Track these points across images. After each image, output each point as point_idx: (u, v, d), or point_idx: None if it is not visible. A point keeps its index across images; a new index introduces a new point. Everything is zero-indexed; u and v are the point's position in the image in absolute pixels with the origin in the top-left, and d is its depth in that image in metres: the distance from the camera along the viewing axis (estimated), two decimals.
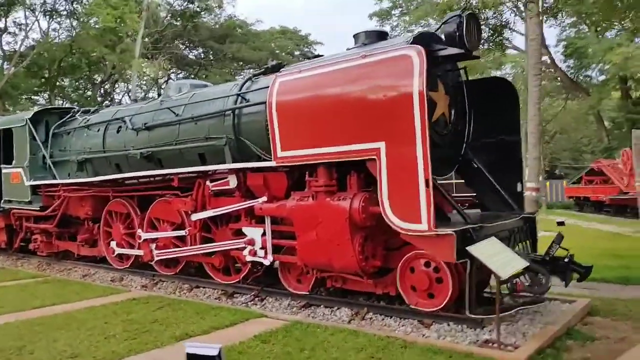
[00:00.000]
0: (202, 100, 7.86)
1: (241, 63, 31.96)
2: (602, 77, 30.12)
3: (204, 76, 32.55)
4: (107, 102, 28.67)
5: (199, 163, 7.81)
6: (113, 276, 9.37)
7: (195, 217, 7.59)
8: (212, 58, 30.43)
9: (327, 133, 5.64)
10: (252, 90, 7.16)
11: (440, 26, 5.89)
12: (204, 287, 7.98)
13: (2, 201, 11.61)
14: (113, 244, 9.41)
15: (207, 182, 7.47)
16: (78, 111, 10.99)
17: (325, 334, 5.20)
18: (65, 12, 23.92)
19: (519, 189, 6.63)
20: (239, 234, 7.39)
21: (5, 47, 24.93)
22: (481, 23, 6.77)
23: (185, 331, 5.42)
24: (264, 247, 6.79)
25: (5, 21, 24.26)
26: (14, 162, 11.14)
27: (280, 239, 6.75)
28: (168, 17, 27.36)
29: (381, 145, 5.15)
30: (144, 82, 32.55)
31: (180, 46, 32.52)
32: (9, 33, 25.23)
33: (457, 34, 5.69)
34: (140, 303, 6.97)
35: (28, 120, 10.60)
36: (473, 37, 5.83)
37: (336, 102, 5.54)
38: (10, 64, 22.24)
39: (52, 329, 5.69)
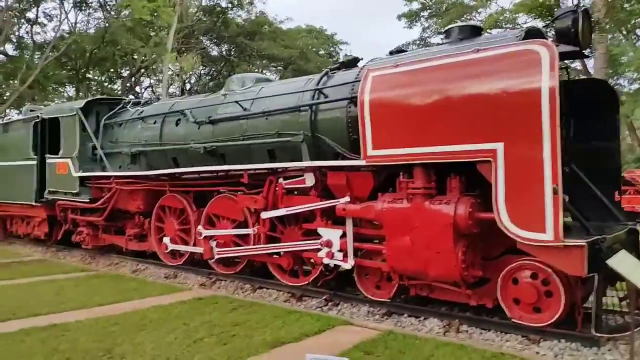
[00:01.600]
0: (273, 94, 7.54)
1: (264, 61, 31.65)
2: (636, 86, 29.50)
3: (227, 72, 32.35)
4: (131, 96, 28.54)
5: (267, 159, 7.50)
6: (166, 273, 9.07)
7: (265, 215, 7.26)
8: (238, 54, 30.10)
9: (429, 132, 5.28)
10: (331, 86, 6.82)
11: (552, 22, 5.52)
12: (267, 289, 7.66)
13: (46, 192, 11.37)
14: (166, 239, 9.11)
15: (280, 180, 7.14)
16: (129, 102, 10.72)
17: (429, 347, 4.83)
18: (96, 4, 23.81)
19: (616, 198, 6.24)
20: (310, 234, 7.07)
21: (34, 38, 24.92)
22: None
23: (276, 337, 5.09)
24: (342, 250, 6.44)
25: (37, 11, 24.18)
26: (60, 152, 10.89)
27: (357, 241, 6.41)
28: (199, 14, 27.14)
29: (498, 146, 4.78)
30: (167, 77, 32.39)
31: (206, 42, 32.37)
32: (39, 24, 25.19)
33: (572, 30, 5.31)
34: (210, 304, 6.64)
35: (79, 110, 10.34)
36: (587, 35, 5.46)
37: (442, 98, 5.18)
38: (43, 54, 22.07)
39: (130, 329, 5.38)
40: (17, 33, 22.92)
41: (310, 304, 6.84)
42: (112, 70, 28.95)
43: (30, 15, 24.09)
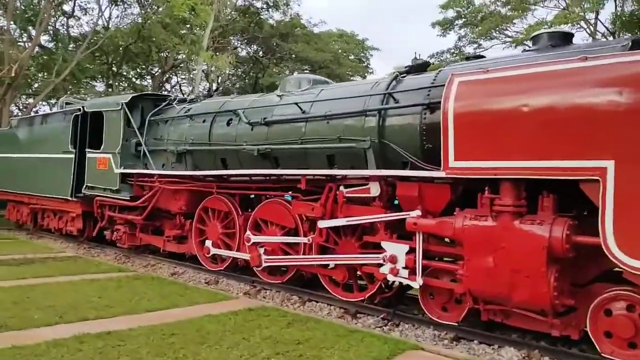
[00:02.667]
0: (336, 97, 7.17)
1: (297, 63, 31.38)
2: None
3: (254, 74, 32.14)
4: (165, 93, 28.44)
5: (326, 165, 7.13)
6: (207, 278, 8.74)
7: (323, 224, 6.87)
8: (270, 56, 29.86)
9: (523, 144, 4.84)
10: (402, 91, 6.42)
11: None
12: (317, 302, 7.26)
13: (84, 187, 11.14)
14: (208, 243, 8.77)
15: (341, 188, 6.75)
16: (174, 99, 10.45)
17: None
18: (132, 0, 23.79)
19: None
20: (369, 247, 6.68)
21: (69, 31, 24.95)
22: None
23: None
24: (408, 267, 6.02)
25: (74, 5, 24.21)
26: (102, 147, 10.64)
27: (424, 258, 5.98)
28: (233, 13, 26.97)
29: (609, 164, 4.33)
30: (191, 77, 32.16)
31: (236, 42, 32.23)
32: (74, 17, 25.23)
33: None
34: (261, 315, 6.26)
35: (124, 105, 10.08)
36: None
37: (542, 109, 4.74)
38: (78, 47, 22.06)
39: (190, 342, 5.01)
40: (53, 25, 22.93)
41: (367, 322, 6.43)
42: (143, 67, 28.94)
43: (67, 7, 24.20)
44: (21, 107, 29.40)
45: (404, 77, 6.75)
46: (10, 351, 4.47)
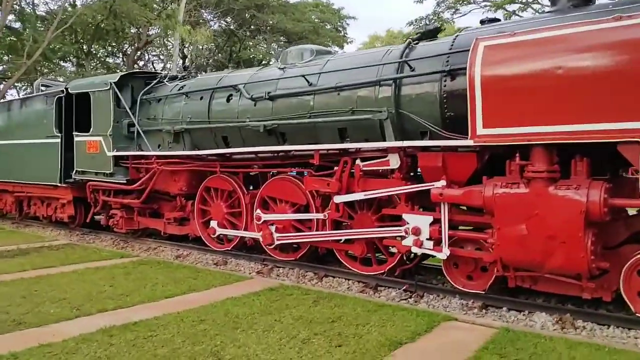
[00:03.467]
0: (345, 68, 6.92)
1: (274, 35, 30.61)
2: None
3: (228, 48, 31.26)
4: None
5: (338, 139, 6.93)
6: (214, 259, 8.54)
7: (340, 199, 6.71)
8: (245, 29, 28.99)
9: (556, 108, 4.73)
10: (418, 58, 6.22)
11: None
12: (333, 277, 7.16)
13: (74, 172, 10.71)
14: (213, 223, 8.55)
15: (357, 161, 6.57)
16: (165, 76, 10.02)
17: (562, 347, 4.35)
18: None
19: None
20: (386, 220, 6.58)
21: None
22: None
23: (387, 337, 4.58)
24: (432, 238, 5.93)
25: None
26: (91, 129, 10.20)
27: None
28: None
29: None
30: (167, 53, 31.11)
31: (207, 15, 31.20)
32: None
33: None
34: (284, 295, 6.12)
35: (114, 85, 9.62)
36: None
37: (575, 71, 4.62)
38: (48, 27, 21.01)
39: (223, 328, 4.84)
40: (19, 4, 21.77)
41: (390, 294, 6.36)
42: (114, 44, 27.87)
43: None
44: None
45: (417, 43, 6.54)
46: (39, 350, 4.25)
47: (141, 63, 30.40)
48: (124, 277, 7.18)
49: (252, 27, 28.97)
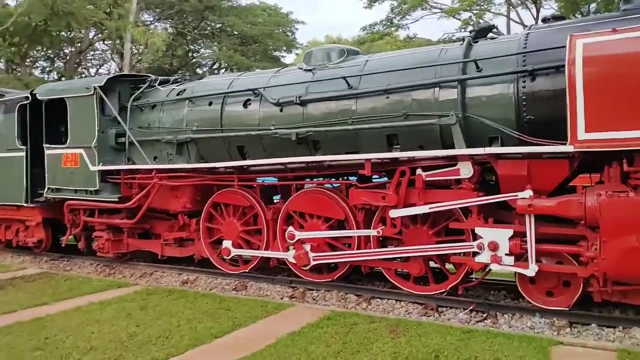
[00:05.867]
0: (392, 69, 6.29)
1: (226, 39, 29.40)
2: None
3: (185, 53, 29.79)
4: (79, 75, 25.39)
5: (385, 147, 6.29)
6: (230, 283, 7.61)
7: (397, 213, 6.04)
8: (197, 32, 27.63)
9: None
10: (486, 58, 5.69)
11: None
12: (381, 299, 6.50)
13: (46, 190, 9.35)
14: (227, 243, 7.62)
15: (418, 171, 5.94)
16: (156, 80, 8.95)
17: None
18: None
19: None
20: (444, 234, 6.03)
21: None
22: None
23: None
24: (512, 253, 5.41)
25: None
26: (68, 140, 8.93)
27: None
28: None
29: None
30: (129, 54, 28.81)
31: (149, 18, 29.53)
32: None
33: None
34: (349, 325, 5.36)
35: (98, 89, 8.43)
36: None
37: None
38: None
39: None
40: None
41: (458, 317, 5.78)
42: (48, 48, 25.62)
43: None
44: None
45: (476, 42, 6.04)
46: None
47: (81, 68, 28.26)
48: (143, 313, 6.15)
49: (204, 30, 27.64)
